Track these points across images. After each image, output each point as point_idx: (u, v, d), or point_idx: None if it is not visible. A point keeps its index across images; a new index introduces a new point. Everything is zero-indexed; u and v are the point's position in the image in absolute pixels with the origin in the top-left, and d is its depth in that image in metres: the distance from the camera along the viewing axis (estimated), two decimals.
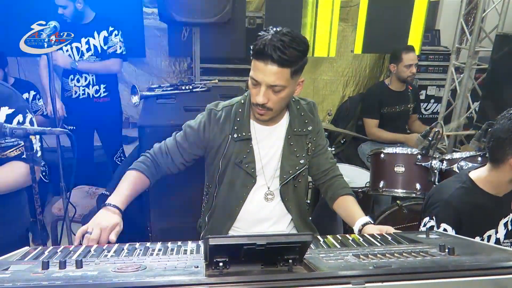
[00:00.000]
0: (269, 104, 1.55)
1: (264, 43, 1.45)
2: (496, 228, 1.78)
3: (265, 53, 1.45)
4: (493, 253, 0.97)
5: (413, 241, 1.12)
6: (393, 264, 0.87)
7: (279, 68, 1.47)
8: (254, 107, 1.59)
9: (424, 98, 4.97)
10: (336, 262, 0.92)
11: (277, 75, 1.48)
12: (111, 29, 3.19)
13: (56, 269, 0.86)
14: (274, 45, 1.44)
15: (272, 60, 1.46)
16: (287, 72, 1.49)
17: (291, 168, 1.73)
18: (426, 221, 1.79)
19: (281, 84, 1.50)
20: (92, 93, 3.30)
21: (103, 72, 3.24)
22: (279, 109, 1.62)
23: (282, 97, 1.55)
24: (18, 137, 1.50)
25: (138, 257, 1.00)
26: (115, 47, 3.21)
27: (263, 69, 1.48)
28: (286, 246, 0.85)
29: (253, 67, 1.53)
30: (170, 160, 1.71)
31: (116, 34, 3.21)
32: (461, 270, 0.83)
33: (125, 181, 1.60)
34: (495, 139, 1.67)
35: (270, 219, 1.77)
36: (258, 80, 1.51)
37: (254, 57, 1.51)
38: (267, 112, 1.59)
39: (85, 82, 3.26)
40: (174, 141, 1.73)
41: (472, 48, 4.24)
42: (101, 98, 3.35)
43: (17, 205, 1.78)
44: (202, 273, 0.83)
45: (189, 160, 1.75)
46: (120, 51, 3.24)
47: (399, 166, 2.60)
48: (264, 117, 1.62)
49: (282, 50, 1.44)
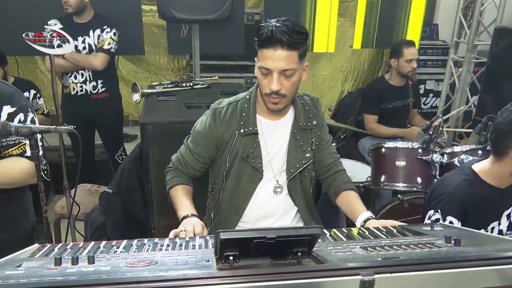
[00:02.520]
0: (283, 90, 1.58)
1: (271, 29, 1.50)
2: (499, 220, 1.80)
3: (274, 39, 1.49)
4: (498, 243, 0.98)
5: (418, 233, 1.13)
6: (401, 256, 0.89)
7: (288, 51, 1.51)
8: (268, 97, 1.61)
9: (423, 93, 4.98)
10: (345, 254, 0.93)
11: (288, 59, 1.52)
12: (105, 27, 3.19)
13: (69, 265, 0.87)
14: (281, 30, 1.49)
15: (282, 45, 1.50)
16: (296, 55, 1.54)
17: (298, 162, 1.75)
18: (431, 214, 1.81)
19: (292, 67, 1.54)
20: (90, 89, 3.29)
21: (83, 65, 3.20)
22: (291, 95, 1.64)
23: (294, 82, 1.59)
24: (23, 136, 1.51)
25: (148, 253, 1.01)
26: (102, 43, 3.21)
27: (273, 56, 1.52)
28: (295, 239, 0.87)
29: (261, 58, 1.56)
30: (191, 168, 1.77)
31: (108, 31, 3.19)
32: (468, 260, 0.85)
33: (178, 197, 1.71)
34: (497, 132, 1.69)
35: (276, 213, 1.79)
36: (270, 68, 1.54)
37: (261, 46, 1.54)
38: (282, 99, 1.61)
39: (82, 79, 3.26)
40: (187, 149, 1.78)
41: (470, 42, 4.25)
42: (100, 94, 3.33)
43: (22, 204, 1.78)
44: (214, 267, 0.84)
45: (207, 163, 1.80)
46: (108, 47, 3.21)
47: (400, 160, 2.62)
48: (279, 106, 1.64)
49: (289, 34, 1.49)
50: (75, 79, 3.26)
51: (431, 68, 5.04)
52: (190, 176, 1.79)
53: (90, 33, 3.18)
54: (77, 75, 3.25)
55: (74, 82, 3.27)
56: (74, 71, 3.24)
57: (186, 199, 1.68)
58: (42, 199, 1.60)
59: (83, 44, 3.18)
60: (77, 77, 3.26)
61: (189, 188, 1.77)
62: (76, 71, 3.23)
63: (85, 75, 3.25)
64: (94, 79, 3.28)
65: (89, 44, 3.20)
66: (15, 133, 1.47)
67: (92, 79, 3.28)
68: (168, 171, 1.82)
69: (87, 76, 3.26)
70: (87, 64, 3.19)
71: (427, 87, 5.10)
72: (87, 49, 3.20)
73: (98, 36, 3.20)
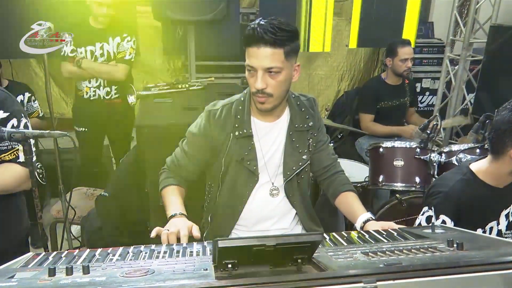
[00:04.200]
0: (269, 89, 1.55)
1: (254, 27, 1.49)
2: (497, 220, 1.79)
3: (257, 37, 1.48)
4: (501, 247, 0.97)
5: (419, 236, 1.12)
6: (403, 261, 0.87)
7: (272, 49, 1.49)
8: (255, 96, 1.59)
9: (419, 91, 4.97)
10: (346, 260, 0.91)
11: (271, 57, 1.50)
12: (125, 35, 3.12)
13: (63, 275, 0.85)
14: (264, 28, 1.48)
15: (265, 43, 1.48)
16: (281, 53, 1.51)
17: (295, 164, 1.73)
18: (424, 210, 1.81)
19: (277, 65, 1.51)
20: (103, 94, 3.21)
21: (105, 77, 3.14)
22: (279, 95, 1.60)
23: (280, 81, 1.56)
24: (16, 141, 1.49)
25: (145, 261, 0.99)
26: (124, 53, 3.13)
27: (257, 54, 1.50)
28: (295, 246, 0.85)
29: (247, 56, 1.55)
30: (185, 170, 1.75)
31: (129, 40, 3.13)
32: (472, 265, 0.83)
33: (169, 196, 1.68)
34: (495, 131, 1.68)
35: (274, 216, 1.77)
36: (254, 66, 1.52)
37: (246, 45, 1.53)
38: (268, 98, 1.58)
39: (96, 83, 3.18)
40: (182, 152, 1.76)
41: (466, 39, 4.24)
42: (112, 100, 3.25)
43: (15, 210, 1.75)
44: (212, 276, 0.82)
45: (202, 166, 1.77)
46: (129, 57, 3.15)
47: (398, 160, 2.60)
48: (266, 105, 1.61)
49: (272, 31, 1.47)
50: (89, 83, 3.19)
51: (427, 66, 5.04)
52: (184, 179, 1.76)
53: (110, 40, 3.10)
54: (92, 80, 3.17)
55: (87, 86, 3.19)
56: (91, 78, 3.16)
57: (176, 198, 1.65)
58: (36, 205, 1.57)
59: (101, 50, 3.09)
60: (91, 81, 3.18)
61: (182, 190, 1.73)
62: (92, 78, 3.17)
63: (99, 80, 3.18)
64: (108, 85, 3.21)
65: (107, 52, 3.11)
66: (8, 138, 1.45)
67: (106, 85, 3.20)
68: (161, 173, 1.79)
69: (101, 81, 3.19)
70: (108, 76, 3.13)
71: (423, 85, 5.10)
72: (105, 56, 3.11)
73: (117, 44, 3.12)
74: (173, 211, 1.56)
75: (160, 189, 1.74)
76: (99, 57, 3.11)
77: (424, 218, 1.79)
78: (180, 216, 1.54)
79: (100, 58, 3.12)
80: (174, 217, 1.53)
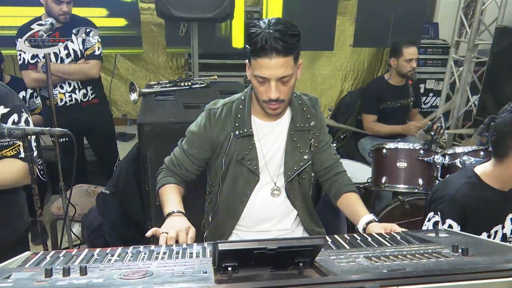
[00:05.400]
0: (282, 96, 1.54)
1: (264, 37, 1.43)
2: (502, 224, 1.77)
3: (269, 47, 1.43)
4: (507, 253, 0.95)
5: (423, 240, 1.10)
6: (407, 267, 0.85)
7: (284, 58, 1.46)
8: (266, 104, 1.57)
9: (423, 92, 4.95)
10: (348, 264, 0.89)
11: (284, 66, 1.47)
12: (89, 30, 2.92)
13: (60, 276, 0.83)
14: (273, 37, 1.42)
15: (277, 52, 1.44)
16: (291, 59, 1.48)
17: (296, 164, 1.71)
18: (430, 216, 1.78)
19: (289, 73, 1.49)
20: (80, 97, 3.03)
21: (78, 77, 2.94)
22: (289, 99, 1.61)
23: (291, 86, 1.55)
24: (16, 138, 1.47)
25: (144, 262, 0.97)
26: (93, 48, 2.94)
27: (269, 65, 1.46)
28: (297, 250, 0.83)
29: (256, 67, 1.49)
30: (184, 170, 1.72)
31: (94, 34, 2.93)
32: (478, 272, 0.81)
33: (167, 194, 1.63)
34: (497, 133, 1.65)
35: (275, 217, 1.75)
36: (267, 77, 1.49)
37: (255, 56, 1.48)
38: (281, 105, 1.57)
39: (69, 88, 2.98)
40: (181, 151, 1.73)
41: (471, 41, 4.22)
42: (90, 101, 3.09)
43: (15, 205, 1.75)
44: (212, 279, 0.80)
45: (202, 165, 1.75)
46: (99, 52, 2.97)
47: (401, 162, 2.58)
48: (278, 111, 1.61)
49: (282, 39, 1.43)
50: (62, 89, 2.98)
51: (431, 67, 5.01)
52: (183, 178, 1.73)
53: (73, 38, 2.90)
54: (63, 85, 2.97)
55: (61, 93, 2.97)
56: (60, 82, 2.95)
57: (174, 196, 1.60)
58: (36, 202, 1.56)
59: (66, 50, 2.89)
60: (64, 86, 2.98)
61: (181, 189, 1.69)
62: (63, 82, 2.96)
63: (72, 83, 2.99)
64: (83, 87, 3.02)
65: (74, 50, 2.92)
66: (8, 135, 1.44)
67: (81, 86, 3.01)
68: (159, 172, 1.76)
69: (75, 85, 2.99)
70: (82, 75, 2.95)
71: (427, 86, 5.07)
72: (72, 56, 2.91)
73: (83, 41, 2.93)
74: (170, 209, 1.52)
75: (157, 188, 1.70)
76: (65, 57, 2.92)
77: (431, 224, 1.76)
78: (178, 214, 1.49)
79: (67, 59, 2.93)
80: (172, 215, 1.48)
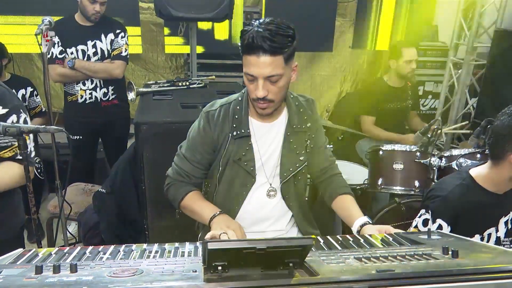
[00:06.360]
0: (270, 96, 1.54)
1: (252, 36, 1.44)
2: (496, 226, 1.77)
3: (256, 46, 1.45)
4: (497, 256, 0.95)
5: (415, 242, 1.10)
6: (396, 268, 0.85)
7: (272, 57, 1.46)
8: (255, 102, 1.57)
9: (421, 94, 4.94)
10: (338, 265, 0.90)
11: (272, 65, 1.47)
12: (118, 31, 3.02)
13: (50, 273, 0.84)
14: (262, 35, 1.43)
15: (264, 51, 1.45)
16: (280, 59, 1.48)
17: (292, 165, 1.71)
18: (421, 213, 1.80)
19: (277, 73, 1.49)
20: (100, 96, 3.07)
21: (102, 75, 3.00)
22: (279, 99, 1.60)
23: (281, 86, 1.54)
24: (11, 135, 1.48)
25: (135, 260, 0.97)
26: (120, 49, 3.02)
27: (257, 62, 1.47)
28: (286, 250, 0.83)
29: (245, 64, 1.52)
30: (194, 178, 1.74)
31: (123, 36, 3.04)
32: (466, 274, 0.81)
33: (196, 201, 1.70)
34: (495, 136, 1.66)
35: (271, 217, 1.75)
36: (254, 75, 1.50)
37: (245, 53, 1.50)
38: (269, 104, 1.57)
39: (91, 85, 3.04)
40: (185, 160, 1.73)
41: (470, 43, 4.22)
42: (110, 101, 3.12)
43: (11, 204, 1.75)
44: (201, 278, 0.81)
45: (208, 168, 1.76)
46: (125, 54, 3.05)
47: (398, 163, 2.59)
48: (267, 111, 1.60)
49: (271, 39, 1.43)
50: (84, 86, 3.03)
51: (430, 70, 5.00)
52: (195, 185, 1.75)
53: (102, 38, 2.99)
54: (86, 82, 3.03)
55: (82, 89, 3.04)
56: (84, 79, 3.02)
57: (204, 202, 1.69)
58: (30, 200, 1.57)
59: (94, 49, 2.97)
60: (86, 83, 3.03)
61: (200, 193, 1.75)
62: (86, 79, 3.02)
63: (95, 81, 3.04)
64: (105, 86, 3.07)
65: (101, 49, 3.00)
66: (3, 132, 1.44)
67: (103, 85, 3.07)
68: (169, 187, 1.75)
69: (97, 82, 3.05)
70: (106, 74, 3.00)
71: (426, 88, 5.06)
72: (98, 55, 2.99)
73: (111, 41, 3.02)
74: (212, 212, 1.61)
75: (178, 202, 1.71)
76: (92, 56, 2.99)
77: (421, 220, 1.78)
78: (222, 213, 1.60)
79: (94, 57, 3.00)
80: (216, 216, 1.58)
